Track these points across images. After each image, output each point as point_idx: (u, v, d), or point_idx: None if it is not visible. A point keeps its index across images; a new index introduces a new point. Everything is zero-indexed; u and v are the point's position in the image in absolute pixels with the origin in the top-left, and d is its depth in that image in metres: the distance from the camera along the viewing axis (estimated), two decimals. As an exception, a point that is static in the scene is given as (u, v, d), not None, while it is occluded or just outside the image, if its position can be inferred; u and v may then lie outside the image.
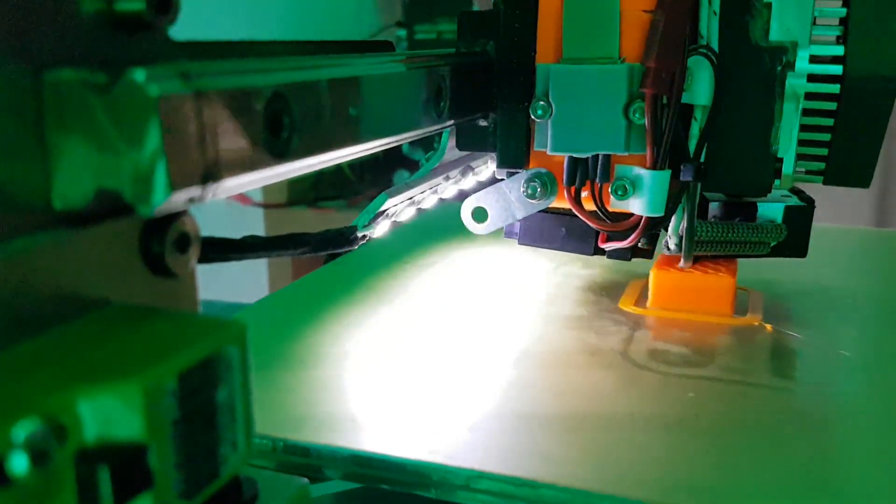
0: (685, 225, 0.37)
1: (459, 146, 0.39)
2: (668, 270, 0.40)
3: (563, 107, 0.35)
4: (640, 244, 0.39)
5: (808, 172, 0.38)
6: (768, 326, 0.39)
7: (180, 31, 0.19)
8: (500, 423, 0.30)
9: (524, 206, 0.38)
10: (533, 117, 0.35)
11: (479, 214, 0.39)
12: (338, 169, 1.13)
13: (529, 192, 0.37)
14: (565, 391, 0.33)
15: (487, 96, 0.36)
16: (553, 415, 0.31)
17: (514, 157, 0.37)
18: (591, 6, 0.34)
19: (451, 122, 0.33)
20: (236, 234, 0.26)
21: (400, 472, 0.28)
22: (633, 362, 0.35)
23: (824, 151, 0.37)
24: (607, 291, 0.44)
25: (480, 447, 0.28)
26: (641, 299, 0.42)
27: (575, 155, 0.36)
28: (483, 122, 0.38)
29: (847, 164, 0.37)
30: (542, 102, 0.35)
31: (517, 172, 0.38)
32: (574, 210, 0.37)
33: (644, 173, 0.35)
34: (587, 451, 0.28)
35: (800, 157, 0.37)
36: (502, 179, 0.39)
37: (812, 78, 0.35)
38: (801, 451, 0.28)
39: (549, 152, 0.36)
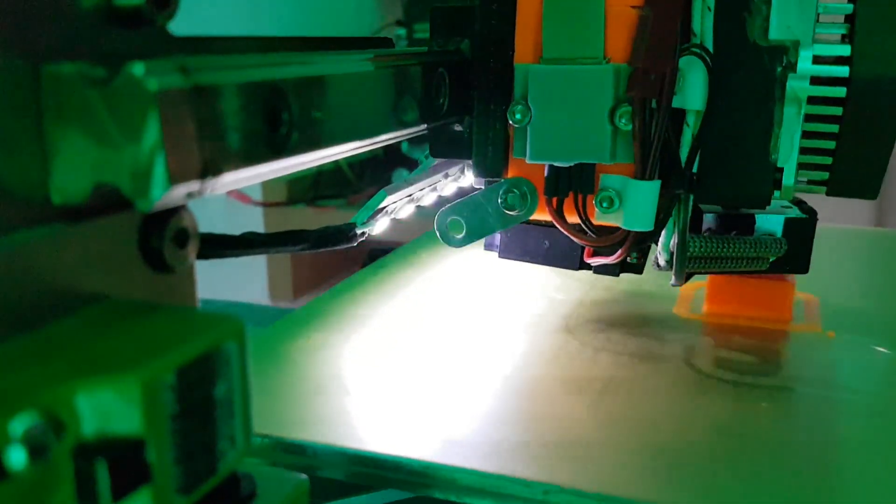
0: (676, 240, 0.34)
1: (433, 153, 0.36)
2: (724, 274, 0.39)
3: (543, 111, 0.32)
4: (629, 259, 0.37)
5: (810, 183, 0.35)
6: (830, 333, 0.38)
7: (179, 26, 0.19)
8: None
9: (502, 218, 0.35)
10: (511, 122, 0.32)
11: (455, 227, 0.36)
12: (337, 167, 1.13)
13: (508, 203, 0.34)
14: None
15: (463, 99, 0.34)
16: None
17: (491, 166, 0.34)
18: (574, 1, 0.32)
19: (432, 124, 0.32)
20: (236, 233, 0.26)
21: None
22: (700, 371, 0.35)
23: (828, 160, 0.34)
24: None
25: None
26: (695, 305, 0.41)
27: (556, 163, 0.33)
28: (458, 127, 0.35)
29: (853, 173, 0.34)
30: (520, 106, 0.32)
31: (495, 181, 0.35)
32: (556, 223, 0.34)
33: (631, 184, 0.32)
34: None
35: (802, 166, 0.35)
36: (479, 189, 0.36)
37: (815, 80, 0.33)
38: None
39: (528, 160, 0.33)
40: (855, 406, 0.32)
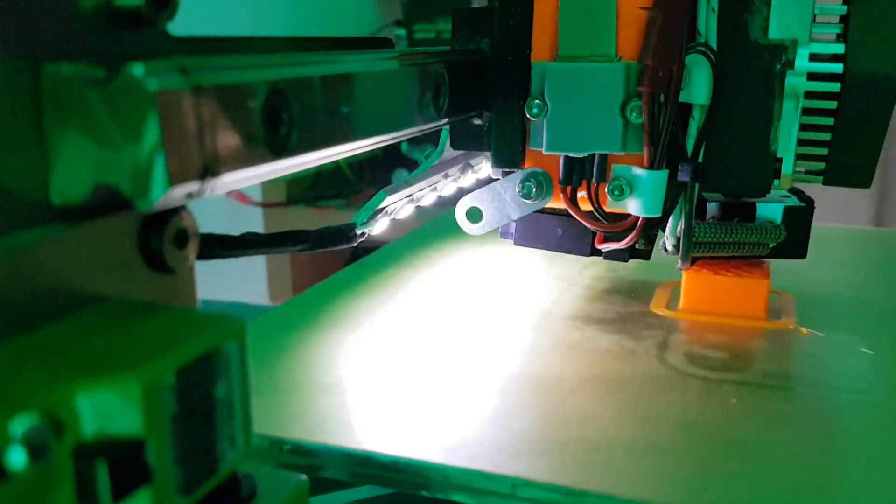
0: (683, 226, 0.36)
1: (454, 145, 0.39)
2: (700, 272, 0.40)
3: (558, 105, 0.34)
4: (637, 245, 0.38)
5: (807, 172, 0.37)
6: (804, 330, 0.39)
7: (179, 26, 0.19)
8: (537, 426, 0.30)
9: (519, 206, 0.37)
10: (528, 116, 0.35)
11: (474, 215, 0.38)
12: (337, 168, 1.13)
13: (525, 192, 0.37)
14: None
15: (482, 94, 0.36)
16: (589, 419, 0.30)
17: (509, 157, 0.37)
18: (588, 3, 0.34)
19: (453, 118, 0.32)
20: (235, 233, 0.26)
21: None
22: (672, 367, 0.35)
23: (824, 151, 0.36)
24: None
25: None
26: (672, 302, 0.42)
27: (571, 154, 0.35)
28: (478, 121, 0.37)
29: (847, 164, 0.36)
30: (537, 101, 0.34)
31: (512, 172, 0.37)
32: (570, 210, 0.37)
33: (641, 173, 0.34)
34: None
35: (799, 156, 0.36)
36: (497, 179, 0.38)
37: (812, 76, 0.35)
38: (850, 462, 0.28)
39: (544, 152, 0.35)
40: (821, 401, 0.32)
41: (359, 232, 0.31)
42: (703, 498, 0.25)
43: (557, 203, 0.37)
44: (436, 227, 0.57)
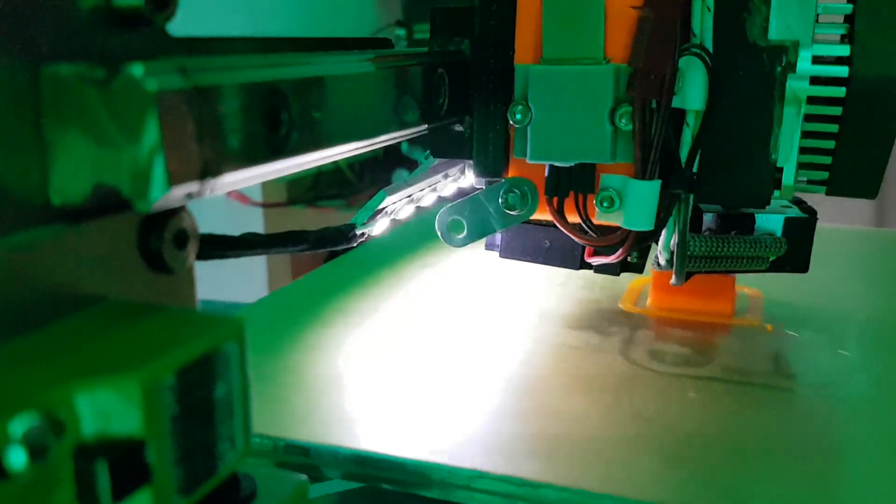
0: (676, 239, 0.34)
1: (434, 153, 0.37)
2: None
3: (543, 111, 0.32)
4: (629, 258, 0.37)
5: (810, 182, 0.35)
6: (769, 326, 0.39)
7: (179, 27, 0.19)
8: (500, 421, 0.30)
9: (503, 218, 0.35)
10: (511, 122, 0.33)
11: (455, 227, 0.36)
12: (337, 168, 1.13)
13: (508, 203, 0.34)
14: (566, 390, 0.33)
15: (463, 99, 0.34)
16: (554, 414, 0.31)
17: (491, 166, 0.35)
18: (574, 2, 0.32)
19: (433, 125, 0.32)
20: (235, 234, 0.26)
21: (399, 471, 0.28)
22: (634, 362, 0.35)
23: (828, 160, 0.35)
24: (609, 292, 0.44)
25: (480, 446, 0.28)
26: (641, 299, 0.42)
27: (557, 163, 0.33)
28: (459, 127, 0.35)
29: (853, 173, 0.34)
30: (520, 106, 0.32)
31: (496, 181, 0.35)
32: (556, 223, 0.35)
33: (631, 184, 0.32)
34: (588, 450, 0.28)
35: (801, 165, 0.35)
36: (480, 189, 0.36)
37: (815, 80, 0.33)
38: (801, 454, 0.28)
39: (528, 160, 0.33)
40: (777, 394, 0.32)
41: (359, 232, 0.31)
42: (657, 488, 0.26)
43: (544, 214, 0.35)
44: (430, 220, 0.58)
